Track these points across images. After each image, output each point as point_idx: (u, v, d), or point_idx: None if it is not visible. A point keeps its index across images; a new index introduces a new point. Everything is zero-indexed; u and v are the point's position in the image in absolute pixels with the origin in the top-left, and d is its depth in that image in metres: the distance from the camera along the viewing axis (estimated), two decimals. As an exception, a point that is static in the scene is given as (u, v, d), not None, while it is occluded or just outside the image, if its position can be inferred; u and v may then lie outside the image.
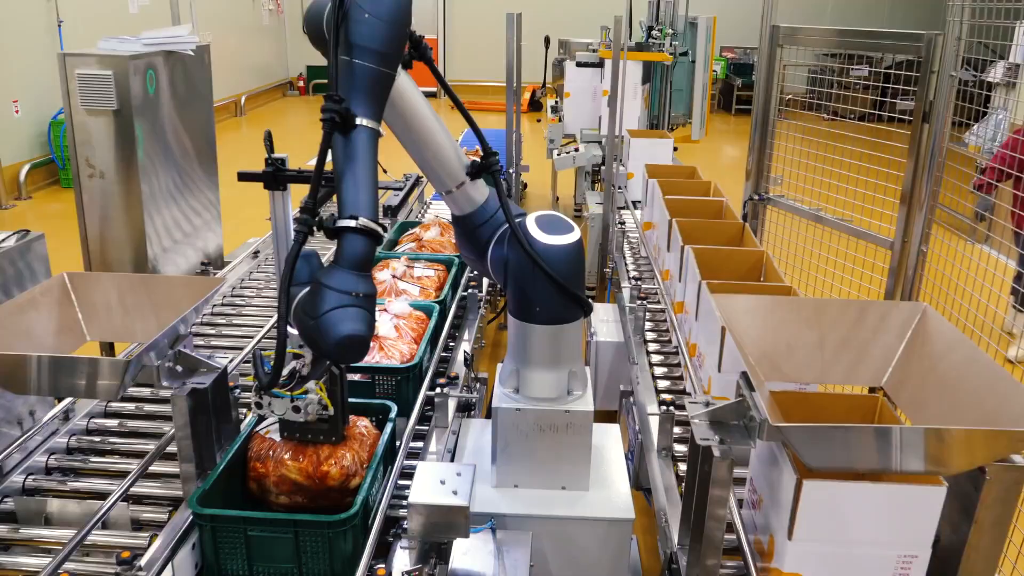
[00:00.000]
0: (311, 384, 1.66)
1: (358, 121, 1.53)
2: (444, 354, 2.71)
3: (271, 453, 1.78)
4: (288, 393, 1.64)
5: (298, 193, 2.39)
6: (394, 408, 2.02)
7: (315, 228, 1.49)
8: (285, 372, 1.61)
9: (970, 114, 3.30)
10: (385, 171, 2.34)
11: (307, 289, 1.51)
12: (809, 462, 1.32)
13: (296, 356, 1.62)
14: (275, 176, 2.29)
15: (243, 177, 2.33)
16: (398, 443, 2.03)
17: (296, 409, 1.67)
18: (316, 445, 1.77)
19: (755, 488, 1.61)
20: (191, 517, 1.66)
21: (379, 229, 1.52)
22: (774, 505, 1.48)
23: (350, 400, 2.08)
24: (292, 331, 1.56)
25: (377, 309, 2.54)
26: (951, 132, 2.96)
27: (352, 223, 1.48)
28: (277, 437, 1.80)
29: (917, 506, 1.38)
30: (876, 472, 1.39)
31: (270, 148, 2.28)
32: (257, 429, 1.87)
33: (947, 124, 2.88)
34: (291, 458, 1.75)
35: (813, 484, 1.36)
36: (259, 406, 1.67)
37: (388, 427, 1.94)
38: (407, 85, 1.75)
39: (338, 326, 1.43)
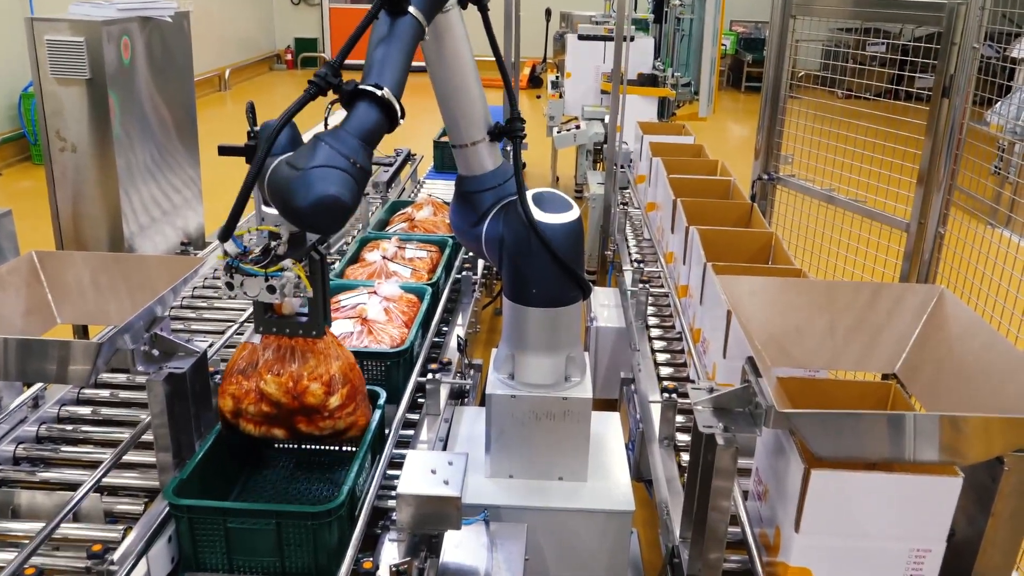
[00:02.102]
0: (288, 263, 1.57)
1: (410, 8, 1.52)
2: (437, 339, 2.70)
3: (254, 366, 1.74)
4: (262, 271, 1.56)
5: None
6: (383, 394, 2.01)
7: (332, 90, 1.45)
8: (259, 249, 1.55)
9: (993, 90, 3.27)
10: (374, 145, 2.31)
11: (292, 154, 1.46)
12: (817, 451, 1.31)
13: (273, 236, 1.56)
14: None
15: (224, 151, 2.30)
16: (387, 431, 2.02)
17: (271, 289, 1.56)
18: (300, 361, 1.72)
19: (761, 479, 1.60)
20: (167, 508, 1.65)
21: (399, 109, 1.49)
22: (780, 496, 1.47)
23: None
24: (269, 211, 1.53)
25: (367, 292, 2.53)
26: (972, 109, 2.93)
27: (375, 90, 1.46)
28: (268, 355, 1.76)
29: (931, 498, 1.38)
30: (888, 462, 1.38)
31: (253, 121, 2.25)
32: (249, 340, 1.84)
33: (968, 100, 2.86)
34: (270, 371, 1.71)
35: (821, 474, 1.36)
36: (230, 287, 1.57)
37: (376, 414, 1.92)
38: (458, 24, 1.75)
39: (323, 182, 1.38)
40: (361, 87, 1.46)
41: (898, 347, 1.69)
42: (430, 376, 2.20)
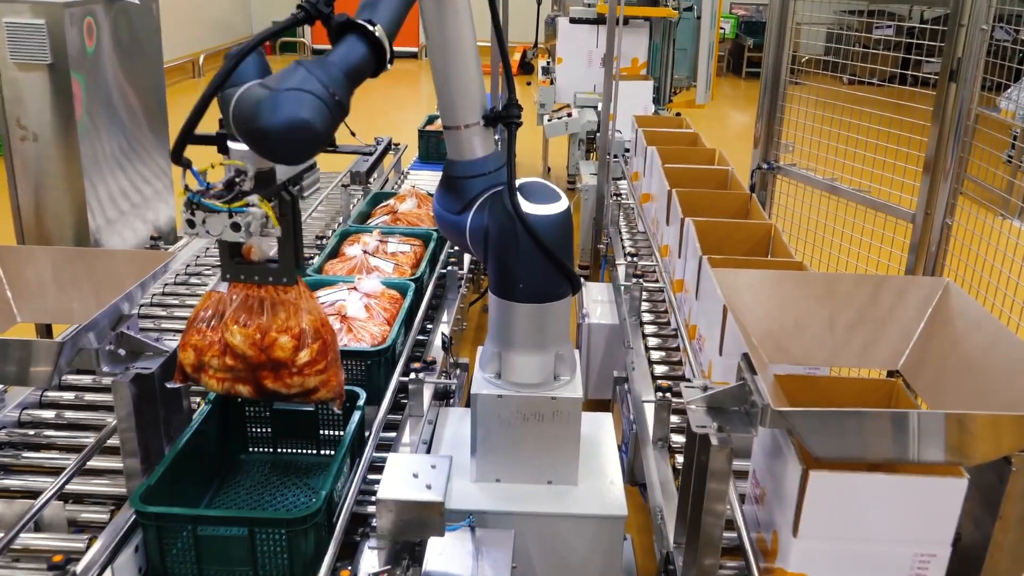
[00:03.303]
0: (254, 198, 1.52)
1: None
2: (421, 337, 2.69)
3: (220, 317, 1.70)
4: (225, 206, 1.49)
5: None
6: (363, 395, 2.00)
7: (320, 19, 1.44)
8: (222, 183, 1.51)
9: (1005, 74, 3.28)
10: (354, 134, 2.30)
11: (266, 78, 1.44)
12: (816, 451, 1.31)
13: (239, 173, 1.52)
14: (230, 138, 2.25)
15: (193, 140, 2.29)
16: (367, 433, 2.01)
17: (235, 227, 1.50)
18: (270, 313, 1.67)
19: (758, 481, 1.60)
20: (134, 516, 1.64)
21: (389, 50, 1.48)
22: (778, 499, 1.47)
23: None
24: (236, 146, 1.50)
25: (346, 288, 2.52)
26: (983, 94, 2.94)
27: (367, 25, 1.44)
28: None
29: (936, 500, 1.38)
30: (890, 462, 1.38)
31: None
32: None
33: (976, 84, 2.87)
34: (237, 322, 1.67)
35: (820, 476, 1.36)
36: (191, 224, 1.51)
37: (356, 415, 1.92)
38: (463, 2, 1.76)
39: (295, 105, 1.35)
40: (353, 20, 1.45)
41: (901, 343, 1.70)
42: (413, 376, 2.19)
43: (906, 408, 1.57)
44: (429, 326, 2.80)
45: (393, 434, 2.15)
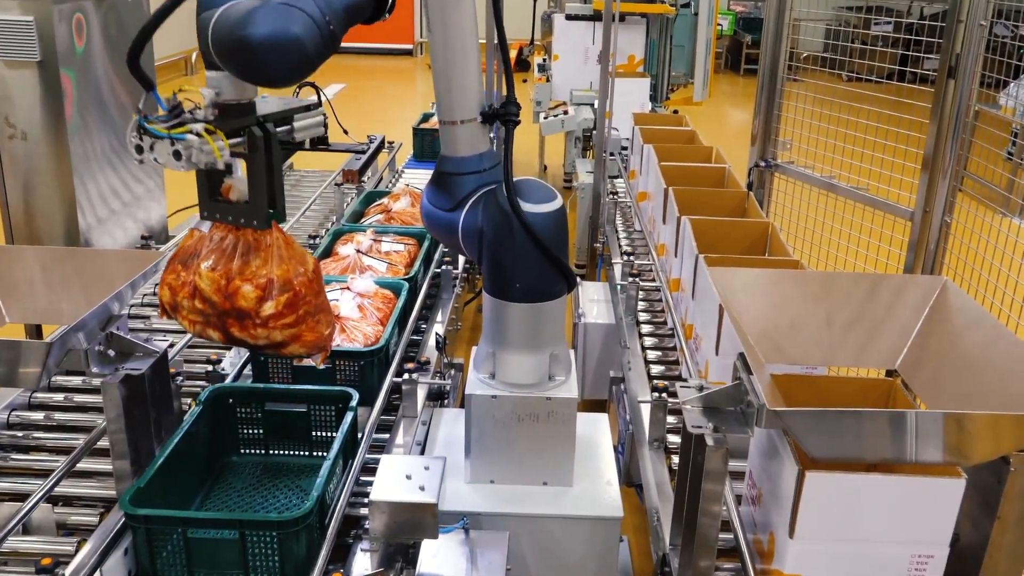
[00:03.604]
0: (199, 126, 1.43)
1: None
2: (415, 337, 2.69)
3: (196, 256, 1.66)
4: (166, 131, 1.42)
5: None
6: (355, 396, 2.00)
7: None
8: (169, 106, 1.45)
9: (1006, 71, 3.28)
10: (346, 132, 2.30)
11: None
12: (812, 452, 1.31)
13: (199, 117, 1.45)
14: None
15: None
16: (360, 435, 2.01)
17: (177, 155, 1.43)
18: (241, 258, 1.62)
19: (754, 482, 1.60)
20: (123, 519, 1.64)
21: None
22: (774, 500, 1.47)
23: (304, 388, 2.07)
24: (211, 73, 1.47)
25: (339, 287, 2.51)
26: (983, 91, 2.94)
27: None
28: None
29: (933, 500, 1.38)
30: (887, 463, 1.38)
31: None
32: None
33: (975, 80, 2.87)
34: (207, 264, 1.63)
35: (817, 476, 1.36)
36: (139, 150, 1.45)
37: (348, 417, 1.91)
38: None
39: (286, 19, 1.32)
40: None
41: (899, 342, 1.70)
42: (406, 376, 2.19)
43: (903, 408, 1.57)
44: (423, 326, 2.79)
45: (387, 435, 2.15)
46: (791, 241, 3.46)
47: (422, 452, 2.14)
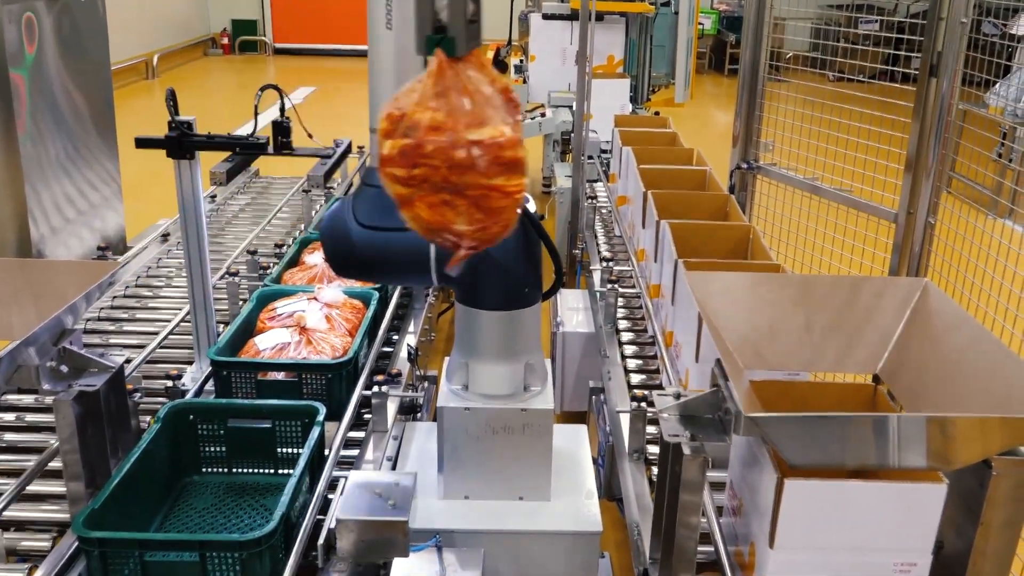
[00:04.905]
0: None
1: None
2: (386, 349, 2.69)
3: None
4: None
5: (208, 162, 2.36)
6: (322, 410, 1.99)
7: None
8: None
9: (992, 70, 3.33)
10: (311, 136, 2.31)
11: None
12: (791, 458, 1.33)
13: None
14: (180, 142, 2.24)
15: (141, 144, 2.28)
16: (328, 450, 2.00)
17: None
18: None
19: (735, 492, 1.62)
20: (77, 543, 1.62)
21: None
22: (755, 510, 1.49)
23: (268, 403, 2.06)
24: None
25: (306, 297, 2.51)
26: (969, 91, 2.98)
27: None
28: None
29: (914, 506, 1.40)
30: (868, 469, 1.40)
31: (174, 110, 2.23)
32: None
33: (957, 79, 2.92)
34: None
35: (796, 484, 1.37)
36: None
37: (315, 432, 1.91)
38: None
39: None
40: None
41: (880, 346, 1.72)
42: (376, 389, 2.19)
43: (885, 412, 1.59)
44: (395, 337, 2.79)
45: (356, 451, 2.14)
46: (774, 245, 3.50)
47: (393, 467, 2.14)
